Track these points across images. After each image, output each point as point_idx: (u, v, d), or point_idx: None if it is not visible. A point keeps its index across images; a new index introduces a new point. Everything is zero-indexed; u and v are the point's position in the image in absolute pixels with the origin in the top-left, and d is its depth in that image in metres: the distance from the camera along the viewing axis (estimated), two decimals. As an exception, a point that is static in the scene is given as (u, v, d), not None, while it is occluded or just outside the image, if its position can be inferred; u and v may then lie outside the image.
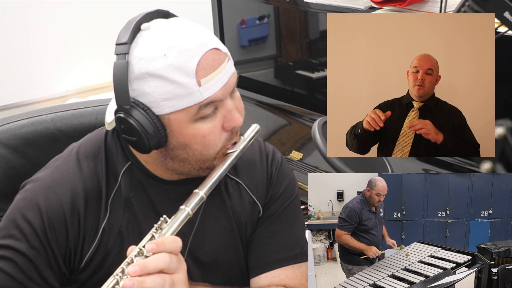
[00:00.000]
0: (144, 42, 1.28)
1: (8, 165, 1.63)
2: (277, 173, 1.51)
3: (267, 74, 2.82)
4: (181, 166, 1.35)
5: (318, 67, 2.58)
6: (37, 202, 1.34)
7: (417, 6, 2.14)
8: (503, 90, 1.62)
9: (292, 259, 1.48)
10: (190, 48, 1.27)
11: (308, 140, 2.42)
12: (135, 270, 1.19)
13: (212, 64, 1.28)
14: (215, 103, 1.30)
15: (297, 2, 2.54)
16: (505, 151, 1.19)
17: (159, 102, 1.27)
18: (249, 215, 1.47)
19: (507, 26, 1.31)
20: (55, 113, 1.71)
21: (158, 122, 1.28)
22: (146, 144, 1.29)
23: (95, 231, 1.36)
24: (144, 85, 1.27)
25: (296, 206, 1.53)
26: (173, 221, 1.26)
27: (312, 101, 2.56)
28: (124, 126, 1.29)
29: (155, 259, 1.21)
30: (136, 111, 1.27)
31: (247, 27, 2.76)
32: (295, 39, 2.67)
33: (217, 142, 1.32)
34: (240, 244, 1.47)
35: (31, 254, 1.32)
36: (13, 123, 1.67)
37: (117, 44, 1.29)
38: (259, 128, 1.41)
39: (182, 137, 1.30)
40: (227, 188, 1.46)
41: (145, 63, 1.26)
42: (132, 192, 1.39)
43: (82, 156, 1.40)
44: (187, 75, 1.26)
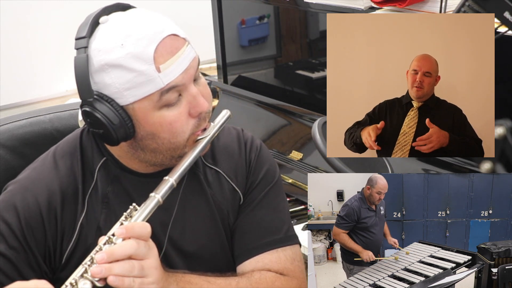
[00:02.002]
0: (102, 35, 1.29)
1: (6, 165, 1.63)
2: (256, 159, 1.52)
3: (267, 74, 2.82)
4: (153, 157, 1.36)
5: (318, 67, 2.58)
6: (14, 203, 1.35)
7: (417, 6, 2.14)
8: (503, 90, 1.62)
9: (275, 243, 1.48)
10: (147, 35, 1.28)
11: (308, 140, 2.42)
12: (103, 257, 1.19)
13: (171, 49, 1.29)
14: (178, 89, 1.30)
15: (297, 2, 2.54)
16: (505, 151, 1.19)
17: (122, 92, 1.28)
18: (230, 203, 1.48)
19: (507, 26, 1.31)
20: (53, 114, 1.72)
21: (123, 113, 1.29)
22: (114, 135, 1.30)
23: (73, 227, 1.37)
24: (105, 77, 1.28)
25: (278, 191, 1.54)
26: (143, 208, 1.26)
27: (312, 101, 2.56)
28: (90, 120, 1.30)
29: (122, 246, 1.20)
30: (100, 103, 1.28)
31: (247, 27, 2.76)
32: (295, 39, 2.67)
33: (185, 129, 1.33)
34: (224, 233, 1.48)
35: (10, 254, 1.33)
36: (11, 123, 1.67)
37: (76, 38, 1.30)
38: (230, 113, 1.42)
39: (148, 126, 1.31)
40: (206, 177, 1.47)
41: (104, 55, 1.27)
42: (109, 187, 1.40)
43: (59, 155, 1.42)
44: (145, 62, 1.27)
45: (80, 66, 1.28)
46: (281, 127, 2.59)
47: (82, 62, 1.28)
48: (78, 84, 1.29)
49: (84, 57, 1.28)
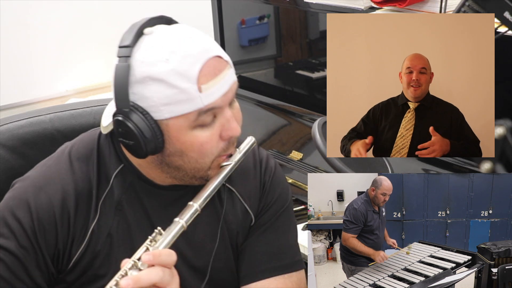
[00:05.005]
0: (147, 46, 1.28)
1: (6, 165, 1.63)
2: (270, 181, 1.50)
3: (267, 74, 2.82)
4: (176, 173, 1.35)
5: (318, 67, 2.58)
6: (28, 201, 1.34)
7: (417, 6, 2.14)
8: (503, 90, 1.62)
9: (283, 268, 1.48)
10: (193, 54, 1.27)
11: (308, 140, 2.42)
12: (128, 283, 1.18)
13: (214, 71, 1.28)
14: (214, 111, 1.30)
15: (297, 2, 2.54)
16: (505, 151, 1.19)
17: (159, 107, 1.26)
18: (241, 223, 1.47)
19: (507, 26, 1.31)
20: (54, 114, 1.71)
21: (156, 127, 1.28)
22: (143, 149, 1.28)
23: (84, 232, 1.36)
24: (144, 89, 1.26)
25: (289, 215, 1.53)
26: (167, 233, 1.25)
27: (312, 101, 2.56)
28: (122, 129, 1.29)
29: (149, 273, 1.20)
30: (135, 114, 1.27)
31: (247, 27, 2.76)
32: (295, 39, 2.67)
33: (214, 150, 1.32)
34: (231, 252, 1.47)
35: (20, 253, 1.32)
36: (12, 123, 1.67)
37: (120, 46, 1.28)
38: (255, 140, 1.41)
39: (179, 144, 1.30)
40: (219, 196, 1.45)
41: (146, 67, 1.26)
42: (123, 195, 1.39)
43: (74, 157, 1.40)
44: (188, 80, 1.25)
45: (120, 74, 1.26)
46: (281, 127, 2.59)
47: (123, 71, 1.26)
48: (116, 93, 1.28)
49: (126, 66, 1.26)
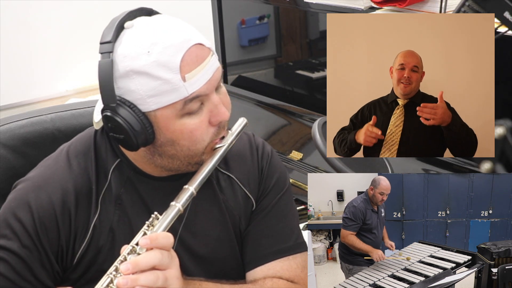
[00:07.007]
0: (128, 40, 1.29)
1: (7, 165, 1.63)
2: (268, 166, 1.52)
3: (267, 74, 2.82)
4: (170, 163, 1.36)
5: (318, 67, 2.58)
6: (28, 201, 1.35)
7: (417, 6, 2.14)
8: (503, 90, 1.62)
9: (286, 250, 1.49)
10: (174, 44, 1.28)
11: (308, 140, 2.42)
12: (128, 268, 1.20)
13: (196, 59, 1.29)
14: (201, 98, 1.31)
15: (297, 2, 2.54)
16: (505, 151, 1.19)
17: (145, 99, 1.28)
18: (242, 209, 1.48)
19: (507, 26, 1.31)
20: (55, 113, 1.71)
21: (145, 119, 1.29)
22: (134, 141, 1.30)
23: (86, 228, 1.37)
24: (129, 83, 1.28)
25: (289, 198, 1.54)
26: (164, 218, 1.27)
27: (312, 101, 2.56)
28: (111, 125, 1.30)
29: (147, 256, 1.22)
30: (123, 109, 1.28)
31: (247, 27, 2.76)
32: (295, 39, 2.67)
33: (205, 137, 1.33)
34: (235, 238, 1.48)
35: (23, 253, 1.33)
36: (13, 123, 1.67)
37: (101, 43, 1.30)
38: (246, 121, 1.42)
39: (169, 133, 1.31)
40: (219, 183, 1.47)
41: (129, 61, 1.27)
42: (122, 189, 1.40)
43: (72, 155, 1.41)
44: (171, 71, 1.27)
45: (104, 71, 1.28)
46: (281, 127, 2.59)
47: (106, 67, 1.28)
48: (102, 89, 1.29)
49: (109, 62, 1.28)
